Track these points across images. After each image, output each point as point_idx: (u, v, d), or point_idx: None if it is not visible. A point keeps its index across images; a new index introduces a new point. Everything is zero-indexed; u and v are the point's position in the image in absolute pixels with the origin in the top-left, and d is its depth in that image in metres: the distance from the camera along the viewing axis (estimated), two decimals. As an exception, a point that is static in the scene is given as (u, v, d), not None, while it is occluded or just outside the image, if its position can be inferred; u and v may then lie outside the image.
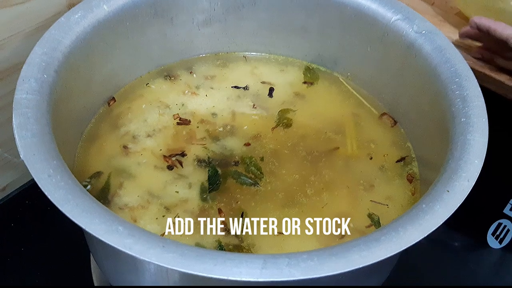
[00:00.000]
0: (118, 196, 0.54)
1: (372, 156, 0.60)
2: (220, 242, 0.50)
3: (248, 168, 0.57)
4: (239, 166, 0.58)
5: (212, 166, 0.57)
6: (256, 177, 0.57)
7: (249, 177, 0.56)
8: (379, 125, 0.64)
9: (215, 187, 0.55)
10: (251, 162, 0.58)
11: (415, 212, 0.41)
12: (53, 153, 0.43)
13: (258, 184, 0.56)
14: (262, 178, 0.57)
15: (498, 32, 0.69)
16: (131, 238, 0.37)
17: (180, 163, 0.57)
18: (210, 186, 0.55)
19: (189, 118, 0.62)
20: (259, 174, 0.57)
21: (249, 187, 0.56)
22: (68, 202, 0.39)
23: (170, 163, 0.57)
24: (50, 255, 0.64)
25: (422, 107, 0.57)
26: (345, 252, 0.37)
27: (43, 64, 0.50)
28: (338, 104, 0.66)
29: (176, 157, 0.57)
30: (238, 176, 0.57)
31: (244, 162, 0.58)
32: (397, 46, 0.60)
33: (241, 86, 0.67)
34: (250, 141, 0.60)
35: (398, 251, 0.38)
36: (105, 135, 0.59)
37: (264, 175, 0.57)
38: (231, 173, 0.57)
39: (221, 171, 0.57)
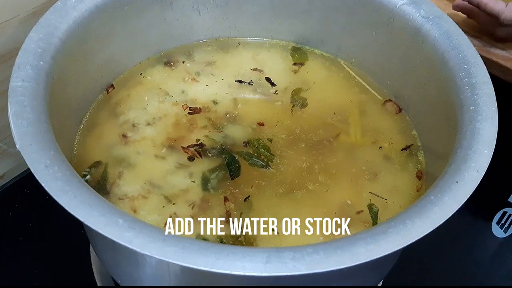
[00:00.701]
0: (118, 186, 0.53)
1: (376, 144, 0.59)
2: (221, 237, 0.49)
3: (258, 150, 0.57)
4: (248, 147, 0.57)
5: (227, 152, 0.56)
6: (267, 159, 0.56)
7: (261, 159, 0.56)
8: (384, 113, 0.62)
9: (236, 173, 0.54)
10: (259, 144, 0.57)
11: (423, 203, 0.40)
12: (50, 142, 0.42)
13: (269, 166, 0.55)
14: (273, 159, 0.56)
15: (489, 6, 0.66)
16: (132, 231, 0.36)
17: (200, 153, 0.55)
18: (231, 173, 0.54)
19: (191, 106, 0.61)
20: (270, 156, 0.56)
21: (259, 169, 0.55)
22: (66, 194, 0.38)
23: (190, 154, 0.55)
24: (49, 244, 0.63)
25: (428, 94, 0.56)
26: (351, 245, 0.36)
27: (39, 50, 0.48)
28: (341, 90, 0.65)
29: (195, 147, 0.56)
30: (250, 157, 0.56)
31: (253, 145, 0.57)
32: (403, 32, 0.58)
33: (245, 81, 0.64)
34: (252, 129, 0.59)
35: (406, 244, 0.37)
36: (104, 124, 0.58)
37: (275, 156, 0.56)
38: (242, 155, 0.56)
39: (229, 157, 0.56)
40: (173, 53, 0.67)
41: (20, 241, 0.63)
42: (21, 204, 0.67)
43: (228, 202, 0.51)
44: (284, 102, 0.63)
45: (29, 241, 0.63)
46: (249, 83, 0.63)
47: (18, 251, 0.63)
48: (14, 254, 0.62)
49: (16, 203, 0.67)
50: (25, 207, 0.66)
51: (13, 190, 0.68)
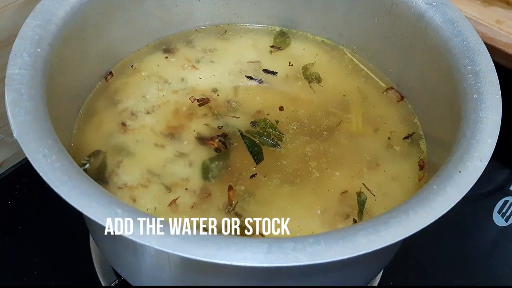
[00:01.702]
0: (117, 175, 0.52)
1: (378, 133, 0.58)
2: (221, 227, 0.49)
3: (266, 130, 0.57)
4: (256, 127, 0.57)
5: (248, 138, 0.56)
6: (276, 138, 0.56)
7: (270, 138, 0.56)
8: (385, 100, 0.62)
9: (260, 157, 0.54)
10: (266, 124, 0.57)
11: (426, 194, 0.39)
12: (48, 131, 0.41)
13: (279, 145, 0.55)
14: (282, 138, 0.56)
15: None
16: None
17: (224, 144, 0.55)
18: (255, 157, 0.54)
19: (191, 94, 0.60)
20: (279, 135, 0.56)
21: (269, 148, 0.55)
22: (64, 184, 0.37)
23: (216, 146, 0.55)
24: (48, 233, 0.63)
25: (431, 82, 0.55)
26: (352, 235, 0.36)
27: (36, 37, 0.47)
28: (343, 78, 0.64)
29: (219, 138, 0.55)
30: (260, 137, 0.56)
31: (260, 125, 0.57)
32: (406, 18, 0.57)
33: (256, 78, 0.63)
34: (253, 117, 0.58)
35: (408, 235, 0.36)
36: (103, 112, 0.57)
37: (284, 135, 0.56)
38: (252, 134, 0.56)
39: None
40: (173, 40, 0.66)
41: (19, 230, 0.63)
42: (20, 192, 0.66)
43: (232, 190, 0.51)
44: (283, 90, 0.62)
45: (28, 230, 0.63)
46: (259, 81, 0.62)
47: (17, 240, 0.62)
48: (13, 243, 0.62)
49: (15, 191, 0.66)
50: (24, 196, 0.66)
51: (12, 178, 0.68)
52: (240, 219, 0.49)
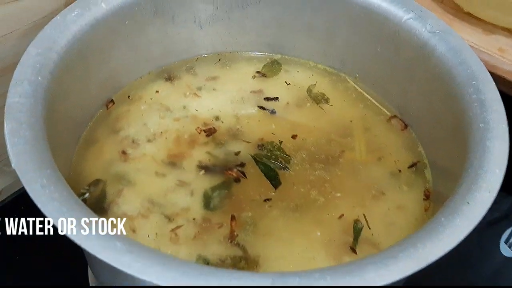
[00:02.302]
0: (117, 204, 0.51)
1: (382, 161, 0.57)
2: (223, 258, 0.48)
3: (273, 152, 0.56)
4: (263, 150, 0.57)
5: (263, 163, 0.55)
6: (284, 161, 0.55)
7: (278, 161, 0.55)
8: (389, 129, 0.61)
9: (277, 182, 0.53)
10: (273, 147, 0.57)
11: (434, 226, 0.38)
12: (47, 161, 0.41)
13: (287, 167, 0.55)
14: (290, 160, 0.55)
15: None
16: (130, 255, 0.35)
17: (243, 174, 0.54)
18: (272, 182, 0.53)
19: (193, 122, 0.59)
20: (286, 157, 0.56)
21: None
22: (63, 215, 0.36)
23: (235, 175, 0.54)
24: (46, 264, 0.62)
25: (435, 110, 0.55)
26: (360, 270, 0.35)
27: (37, 66, 0.47)
28: (345, 106, 0.64)
29: (236, 168, 0.55)
30: (268, 159, 0.55)
31: (267, 148, 0.57)
32: (409, 46, 0.57)
33: (268, 109, 0.62)
34: (255, 146, 0.57)
35: (418, 269, 0.35)
36: (103, 140, 0.57)
37: (292, 158, 0.56)
38: (260, 157, 0.55)
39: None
40: (175, 68, 0.66)
41: (17, 260, 0.62)
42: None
43: (234, 221, 0.50)
44: (287, 118, 0.61)
45: (26, 260, 0.62)
46: (271, 112, 0.62)
47: (15, 270, 0.61)
48: (11, 271, 0.61)
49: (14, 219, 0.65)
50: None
51: (10, 206, 0.67)
52: (242, 251, 0.48)
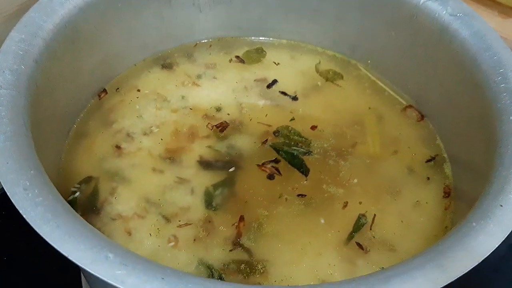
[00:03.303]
0: (110, 204, 0.47)
1: (397, 155, 0.53)
2: (227, 263, 0.44)
3: (290, 138, 0.53)
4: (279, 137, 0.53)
5: (285, 151, 0.51)
6: (305, 145, 0.52)
7: (299, 146, 0.52)
8: (404, 120, 0.57)
9: (305, 169, 0.50)
10: (290, 132, 0.53)
11: (465, 232, 0.34)
12: (31, 160, 0.36)
13: (311, 152, 0.52)
14: (310, 143, 0.53)
15: None
16: (124, 268, 0.31)
17: (278, 170, 0.50)
18: (300, 170, 0.50)
19: (192, 113, 0.55)
20: (306, 140, 0.53)
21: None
22: (47, 223, 0.32)
23: (269, 172, 0.50)
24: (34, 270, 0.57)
25: (456, 101, 0.50)
26: (384, 284, 0.31)
27: (20, 53, 0.43)
28: (356, 95, 0.59)
29: (271, 163, 0.51)
30: (288, 146, 0.52)
31: (283, 134, 0.53)
32: (427, 31, 0.52)
33: (289, 94, 0.58)
34: (260, 139, 0.53)
35: (448, 281, 0.31)
36: (95, 133, 0.52)
37: (312, 141, 0.53)
38: (279, 146, 0.52)
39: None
40: (172, 55, 0.61)
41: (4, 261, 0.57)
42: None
43: (243, 222, 0.46)
44: (293, 108, 0.57)
45: (12, 268, 0.57)
46: (293, 98, 0.58)
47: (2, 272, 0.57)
48: None
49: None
50: (4, 230, 0.60)
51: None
52: (248, 254, 0.44)
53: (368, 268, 0.44)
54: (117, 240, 0.44)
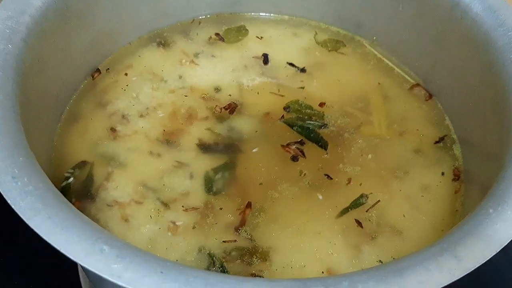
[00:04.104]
0: (105, 189, 0.45)
1: (404, 136, 0.51)
2: (229, 250, 0.42)
3: (302, 112, 0.52)
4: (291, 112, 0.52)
5: (300, 126, 0.50)
6: (319, 117, 0.51)
7: (314, 120, 0.51)
8: (411, 99, 0.55)
9: (324, 143, 0.49)
10: (301, 105, 0.52)
11: (480, 219, 0.32)
12: (20, 147, 0.34)
13: (326, 124, 0.51)
14: (324, 115, 0.51)
15: None
16: (120, 261, 0.29)
17: (303, 152, 0.48)
18: (319, 144, 0.49)
19: (190, 94, 0.52)
20: (319, 113, 0.51)
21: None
22: (38, 213, 0.30)
23: (293, 153, 0.48)
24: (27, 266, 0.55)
25: (467, 79, 0.48)
26: (398, 276, 0.29)
27: (7, 31, 0.41)
28: (361, 73, 0.57)
29: (295, 145, 0.49)
30: (303, 121, 0.50)
31: (295, 108, 0.52)
32: (437, 5, 0.50)
33: (298, 66, 0.57)
34: (261, 121, 0.51)
35: (467, 272, 0.30)
36: (89, 115, 0.50)
37: (324, 113, 0.52)
38: (292, 121, 0.50)
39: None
40: (168, 32, 0.59)
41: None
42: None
43: (250, 209, 0.44)
44: (295, 88, 0.54)
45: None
46: (301, 70, 0.56)
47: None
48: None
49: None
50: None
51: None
52: (250, 241, 0.42)
53: (374, 254, 0.42)
54: (114, 228, 0.42)
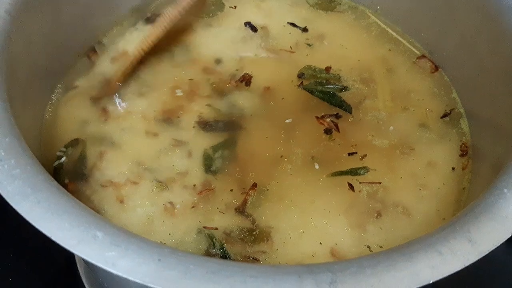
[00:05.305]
0: (99, 169, 0.43)
1: (409, 110, 0.49)
2: (229, 231, 0.40)
3: (318, 76, 0.50)
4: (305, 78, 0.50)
5: (320, 91, 0.48)
6: (336, 81, 0.50)
7: (333, 84, 0.49)
8: (416, 71, 0.52)
9: (347, 106, 0.48)
10: (315, 70, 0.50)
11: (495, 199, 0.31)
12: (6, 126, 0.32)
13: (346, 87, 0.49)
14: (340, 77, 0.50)
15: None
16: (115, 249, 0.27)
17: (337, 126, 0.47)
18: (343, 107, 0.48)
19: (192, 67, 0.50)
20: (335, 76, 0.50)
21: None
22: (26, 198, 0.29)
23: (327, 126, 0.46)
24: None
25: (477, 50, 0.46)
26: (408, 261, 0.27)
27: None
28: (364, 44, 0.55)
29: (331, 117, 0.47)
30: (322, 85, 0.49)
31: (309, 74, 0.50)
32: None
33: (299, 26, 0.55)
34: (262, 95, 0.49)
35: (479, 257, 0.28)
36: (83, 92, 0.48)
37: (341, 75, 0.50)
38: (311, 87, 0.49)
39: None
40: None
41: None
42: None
43: (255, 190, 0.42)
44: (298, 60, 0.52)
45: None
46: (303, 29, 0.54)
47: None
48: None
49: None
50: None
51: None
52: (251, 221, 0.41)
53: (380, 233, 0.41)
54: (109, 210, 0.41)
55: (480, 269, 0.29)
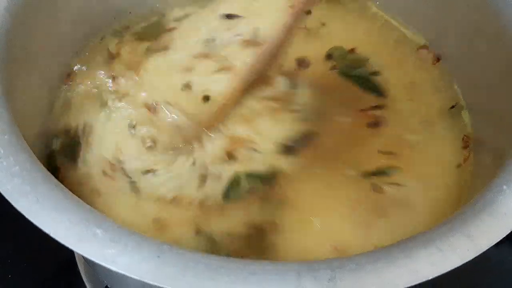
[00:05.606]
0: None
1: (411, 102, 0.48)
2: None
3: (346, 58, 0.49)
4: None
5: (354, 76, 0.48)
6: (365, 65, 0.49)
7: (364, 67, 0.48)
8: (417, 62, 0.52)
9: (382, 89, 0.47)
10: (343, 52, 0.49)
11: (494, 196, 0.31)
12: (4, 122, 0.32)
13: (377, 72, 0.48)
14: (367, 62, 0.49)
15: None
16: (114, 246, 0.27)
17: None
18: (379, 91, 0.47)
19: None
20: (364, 59, 0.49)
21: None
22: (26, 196, 0.29)
23: (373, 120, 0.45)
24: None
25: (478, 41, 0.45)
26: (408, 258, 0.28)
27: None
28: (363, 35, 0.54)
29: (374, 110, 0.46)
30: (353, 68, 0.48)
31: (336, 57, 0.49)
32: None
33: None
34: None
35: (478, 253, 0.28)
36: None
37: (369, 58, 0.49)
38: (345, 71, 0.48)
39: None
40: None
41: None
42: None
43: None
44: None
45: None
46: (307, 12, 0.51)
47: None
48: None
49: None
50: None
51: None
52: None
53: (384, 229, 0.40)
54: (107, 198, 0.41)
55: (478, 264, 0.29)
